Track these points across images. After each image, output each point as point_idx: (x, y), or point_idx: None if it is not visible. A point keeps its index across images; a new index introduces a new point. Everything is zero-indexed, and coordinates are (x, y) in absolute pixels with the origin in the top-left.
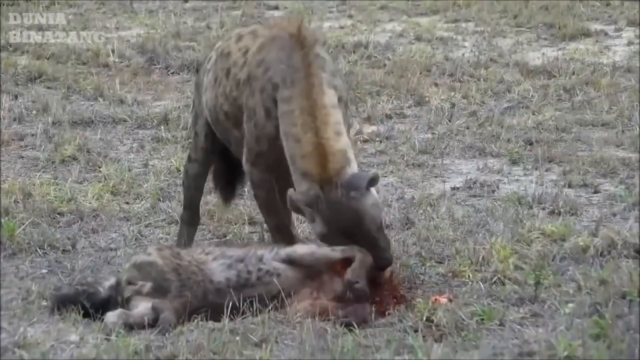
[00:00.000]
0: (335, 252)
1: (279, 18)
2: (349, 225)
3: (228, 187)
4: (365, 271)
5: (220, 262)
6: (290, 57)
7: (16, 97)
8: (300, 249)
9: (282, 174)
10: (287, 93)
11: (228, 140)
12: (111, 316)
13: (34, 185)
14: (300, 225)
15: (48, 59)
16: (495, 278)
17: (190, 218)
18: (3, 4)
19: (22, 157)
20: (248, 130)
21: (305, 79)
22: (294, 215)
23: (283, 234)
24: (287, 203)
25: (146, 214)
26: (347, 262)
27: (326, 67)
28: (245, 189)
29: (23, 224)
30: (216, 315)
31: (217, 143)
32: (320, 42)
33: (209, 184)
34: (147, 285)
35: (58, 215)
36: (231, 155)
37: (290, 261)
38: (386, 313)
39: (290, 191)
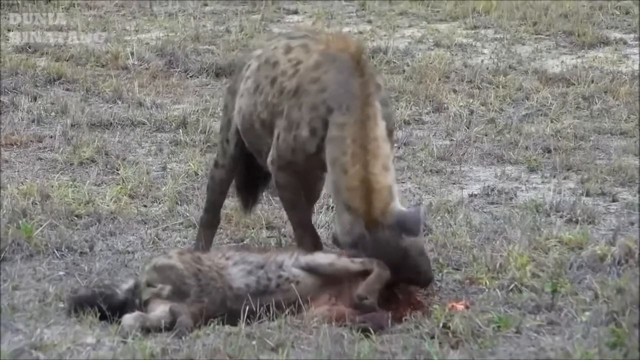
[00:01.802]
0: (355, 264)
1: (331, 34)
2: (395, 261)
3: (250, 195)
4: (380, 286)
5: (240, 267)
6: (348, 82)
7: (35, 98)
8: (320, 259)
9: (309, 179)
10: (342, 119)
11: (258, 149)
12: (128, 319)
13: (52, 187)
14: (319, 228)
15: (67, 60)
16: (512, 285)
17: (210, 221)
18: (20, 5)
19: (41, 159)
20: (284, 140)
21: (362, 109)
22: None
23: (306, 230)
24: (332, 240)
25: (164, 217)
26: (366, 273)
27: (381, 97)
28: (264, 194)
29: (41, 226)
30: (233, 320)
31: (245, 151)
32: (378, 72)
33: (231, 188)
34: (167, 289)
35: (76, 218)
36: (256, 164)
37: (309, 269)
38: (403, 319)
39: (336, 231)
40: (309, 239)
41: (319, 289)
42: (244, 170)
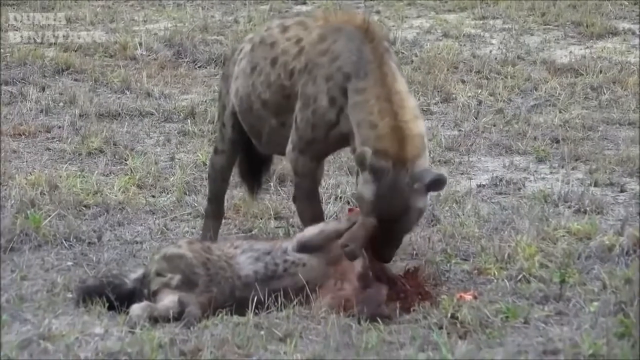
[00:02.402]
0: (342, 224)
1: (323, 11)
2: (392, 210)
3: (254, 180)
4: (363, 233)
5: (248, 255)
6: (360, 49)
7: (43, 89)
8: (308, 231)
9: (326, 153)
10: (362, 84)
11: (258, 131)
12: (136, 309)
13: (61, 177)
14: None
15: (75, 51)
16: (521, 276)
17: (215, 212)
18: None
19: (49, 149)
20: (302, 119)
21: (379, 69)
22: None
23: (309, 189)
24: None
25: (172, 208)
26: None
27: (393, 59)
28: (271, 184)
29: (49, 216)
30: (241, 309)
31: (243, 134)
32: (386, 36)
33: (235, 178)
34: (176, 278)
35: (84, 208)
36: (255, 148)
37: (303, 246)
38: (411, 309)
39: (367, 149)
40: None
41: (324, 270)
42: (244, 156)
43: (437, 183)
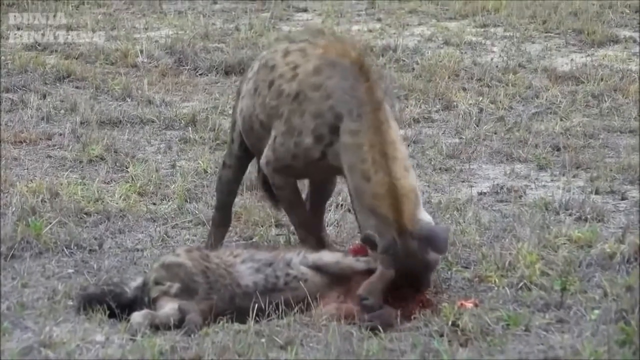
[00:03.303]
0: (359, 263)
1: (329, 38)
2: (414, 272)
3: (272, 192)
4: (382, 286)
5: (248, 265)
6: (354, 88)
7: (44, 96)
8: (326, 257)
9: (316, 178)
10: (354, 126)
11: (260, 150)
12: (137, 316)
13: (62, 184)
14: (328, 226)
15: (77, 58)
16: (522, 283)
17: (222, 220)
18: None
19: (50, 157)
20: (282, 144)
21: (374, 114)
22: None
23: (308, 229)
24: (361, 239)
25: (173, 215)
26: (371, 272)
27: (388, 100)
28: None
29: (50, 224)
30: (242, 318)
31: (249, 154)
32: (381, 75)
33: (240, 187)
34: (175, 287)
35: (85, 215)
36: None
37: (316, 268)
38: (412, 317)
39: (370, 233)
40: (311, 240)
41: (327, 287)
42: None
43: (444, 242)
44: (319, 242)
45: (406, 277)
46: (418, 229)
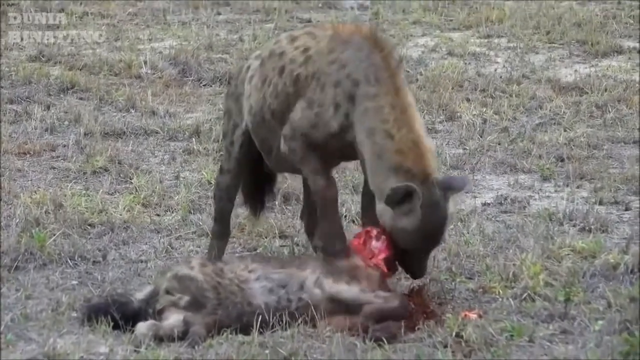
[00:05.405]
0: (378, 299)
1: (334, 22)
2: (435, 228)
3: (258, 201)
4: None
5: (262, 284)
6: (369, 57)
7: (48, 107)
8: (344, 292)
9: (321, 152)
10: (373, 90)
11: (270, 146)
12: (142, 327)
13: (65, 196)
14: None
15: (81, 69)
16: (525, 294)
17: (221, 232)
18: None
19: (54, 168)
20: (303, 116)
21: (391, 79)
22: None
23: (320, 176)
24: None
25: (177, 226)
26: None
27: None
28: (276, 203)
29: (54, 235)
30: (247, 329)
31: (250, 154)
32: (395, 48)
33: (238, 197)
34: (185, 299)
35: (89, 227)
36: (260, 168)
37: (331, 298)
38: (416, 328)
39: (392, 183)
40: (331, 211)
41: (338, 312)
42: (248, 176)
43: (463, 182)
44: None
45: (433, 237)
46: (436, 177)
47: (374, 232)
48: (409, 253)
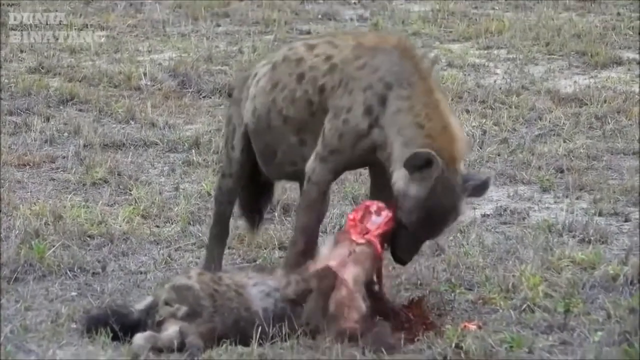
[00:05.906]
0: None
1: (351, 31)
2: (441, 207)
3: (256, 212)
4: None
5: (260, 288)
6: (401, 63)
7: (48, 119)
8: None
9: (348, 164)
10: (406, 92)
11: (273, 151)
12: (139, 339)
13: (65, 207)
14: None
15: (80, 81)
16: (525, 305)
17: (220, 232)
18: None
19: (53, 179)
20: (331, 128)
21: (424, 81)
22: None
23: (307, 237)
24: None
25: (176, 238)
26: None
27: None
28: (275, 214)
29: (53, 246)
30: (245, 339)
31: (250, 160)
32: (426, 55)
33: (236, 209)
34: (182, 309)
35: (88, 238)
36: (258, 179)
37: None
38: (415, 339)
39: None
40: (300, 245)
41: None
42: (246, 187)
43: (486, 186)
44: (307, 253)
45: (431, 216)
46: (466, 171)
47: (374, 206)
48: (405, 231)
